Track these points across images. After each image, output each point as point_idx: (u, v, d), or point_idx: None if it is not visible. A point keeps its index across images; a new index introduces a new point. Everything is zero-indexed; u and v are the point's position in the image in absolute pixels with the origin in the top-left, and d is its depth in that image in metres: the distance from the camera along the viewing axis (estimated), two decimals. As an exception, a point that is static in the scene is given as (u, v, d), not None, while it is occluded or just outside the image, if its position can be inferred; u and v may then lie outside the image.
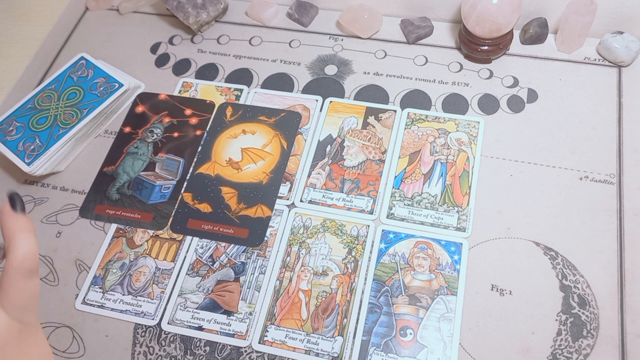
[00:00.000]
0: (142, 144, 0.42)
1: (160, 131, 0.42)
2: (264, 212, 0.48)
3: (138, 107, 0.41)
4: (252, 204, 0.49)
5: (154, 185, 0.44)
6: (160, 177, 0.43)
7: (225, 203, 0.49)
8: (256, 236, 0.47)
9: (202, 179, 0.50)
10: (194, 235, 0.48)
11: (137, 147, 0.42)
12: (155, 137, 0.42)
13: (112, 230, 0.49)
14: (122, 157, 0.42)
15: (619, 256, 0.44)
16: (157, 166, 0.43)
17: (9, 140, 0.52)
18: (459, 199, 0.47)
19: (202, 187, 0.50)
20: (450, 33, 0.59)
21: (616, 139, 0.50)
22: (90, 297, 0.46)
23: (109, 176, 0.41)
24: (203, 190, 0.49)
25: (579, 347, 0.40)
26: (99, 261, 0.48)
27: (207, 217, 0.48)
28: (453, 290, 0.43)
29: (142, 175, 0.44)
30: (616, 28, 0.54)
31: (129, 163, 0.43)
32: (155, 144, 0.43)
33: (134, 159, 0.43)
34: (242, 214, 0.48)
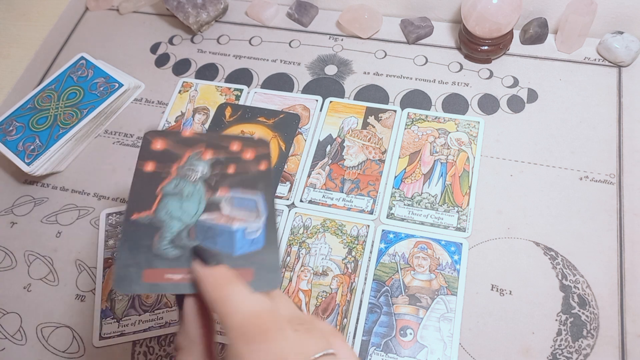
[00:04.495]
0: (184, 183, 0.31)
1: (206, 168, 0.32)
2: None
3: (155, 143, 0.32)
4: None
5: (233, 230, 0.30)
6: (236, 218, 0.31)
7: None
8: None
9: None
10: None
11: (177, 187, 0.31)
12: (201, 174, 0.31)
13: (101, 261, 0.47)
14: (159, 200, 0.30)
15: (619, 256, 0.44)
16: (224, 207, 0.32)
17: (9, 140, 0.52)
18: (459, 199, 0.47)
19: None
20: (450, 33, 0.59)
21: (616, 139, 0.50)
22: (106, 330, 0.45)
23: (145, 227, 0.29)
24: None
25: (579, 347, 0.40)
26: (99, 296, 0.46)
27: None
28: (453, 290, 0.43)
29: (207, 220, 0.31)
30: (616, 28, 0.54)
31: (175, 205, 0.30)
32: (206, 182, 0.31)
33: (181, 200, 0.31)
34: None
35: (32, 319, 0.46)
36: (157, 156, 0.31)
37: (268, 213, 0.31)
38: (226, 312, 0.23)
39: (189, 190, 0.31)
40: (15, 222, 0.52)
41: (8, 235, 0.51)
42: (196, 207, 0.31)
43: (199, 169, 0.32)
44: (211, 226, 0.31)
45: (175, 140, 0.32)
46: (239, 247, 0.30)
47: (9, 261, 0.50)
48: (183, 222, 0.30)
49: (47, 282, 0.48)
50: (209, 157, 0.32)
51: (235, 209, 0.32)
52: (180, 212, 0.31)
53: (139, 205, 0.30)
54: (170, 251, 0.29)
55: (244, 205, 0.32)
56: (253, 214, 0.32)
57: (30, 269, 0.49)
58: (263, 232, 0.30)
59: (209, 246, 0.30)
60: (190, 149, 0.32)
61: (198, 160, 0.32)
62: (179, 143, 0.32)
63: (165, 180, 0.31)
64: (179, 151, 0.32)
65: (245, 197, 0.32)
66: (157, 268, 0.28)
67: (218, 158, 0.32)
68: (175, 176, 0.32)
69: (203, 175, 0.32)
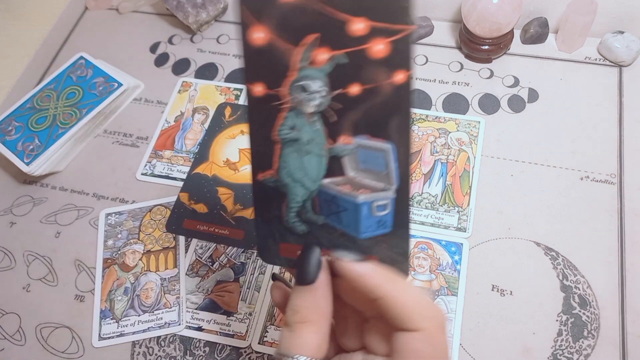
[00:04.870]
0: (301, 121, 0.22)
1: (324, 84, 0.21)
2: None
3: (255, 30, 0.20)
4: (249, 205, 0.49)
5: (357, 203, 0.23)
6: (363, 185, 0.23)
7: (221, 204, 0.49)
8: (251, 238, 0.47)
9: (199, 179, 0.50)
10: (189, 235, 0.47)
11: (293, 128, 0.22)
12: (321, 100, 0.21)
13: (100, 262, 0.47)
14: (278, 153, 0.23)
15: (620, 256, 0.44)
16: (348, 164, 0.23)
17: (8, 140, 0.52)
18: (460, 199, 0.47)
19: (199, 187, 0.49)
20: (450, 32, 0.58)
21: (617, 138, 0.49)
22: (106, 331, 0.45)
23: (272, 191, 0.23)
24: (199, 191, 0.49)
25: (579, 347, 0.40)
26: (99, 296, 0.46)
27: (202, 217, 0.48)
28: (453, 291, 0.43)
29: (329, 187, 0.23)
30: (617, 28, 0.54)
31: (295, 163, 0.23)
32: (324, 116, 0.22)
33: (300, 152, 0.23)
34: (238, 215, 0.48)
35: (31, 320, 0.46)
36: (263, 62, 0.21)
37: (401, 179, 0.22)
38: (413, 304, 0.22)
39: (307, 134, 0.22)
40: (15, 222, 0.52)
41: (7, 236, 0.51)
42: (317, 165, 0.23)
43: (316, 89, 0.21)
44: (334, 196, 0.23)
45: (278, 13, 0.20)
46: (365, 227, 0.23)
47: (8, 261, 0.50)
48: (306, 188, 0.24)
49: (46, 282, 0.48)
50: (325, 57, 0.20)
51: (360, 170, 0.23)
52: (301, 173, 0.23)
53: (261, 160, 0.23)
54: (298, 226, 0.24)
55: (370, 163, 0.22)
56: (382, 179, 0.22)
57: (30, 269, 0.49)
58: (392, 208, 0.23)
59: (334, 224, 0.24)
60: (298, 41, 0.21)
61: (312, 69, 0.21)
62: (283, 24, 0.20)
63: (280, 115, 0.22)
64: (284, 46, 0.21)
65: (373, 148, 0.22)
66: (291, 243, 0.24)
67: (338, 58, 0.20)
68: (289, 105, 0.22)
69: (324, 100, 0.21)
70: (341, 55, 0.20)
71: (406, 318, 0.22)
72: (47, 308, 0.46)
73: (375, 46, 0.20)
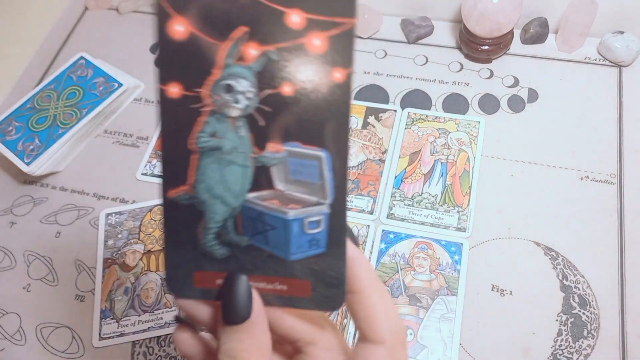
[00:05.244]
0: (222, 125, 0.19)
1: (251, 84, 0.19)
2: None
3: (171, 22, 0.18)
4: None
5: (287, 219, 0.20)
6: (293, 199, 0.21)
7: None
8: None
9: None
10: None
11: (214, 135, 0.19)
12: (247, 102, 0.19)
13: (101, 262, 0.47)
14: (195, 165, 0.20)
15: (620, 256, 0.44)
16: (277, 176, 0.20)
17: (8, 140, 0.52)
18: (460, 199, 0.47)
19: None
20: (450, 32, 0.58)
21: (617, 138, 0.49)
22: (106, 331, 0.44)
23: (186, 210, 0.20)
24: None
25: (579, 347, 0.40)
26: (99, 296, 0.46)
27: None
28: (453, 291, 0.43)
29: (254, 202, 0.20)
30: (617, 28, 0.54)
31: (215, 176, 0.20)
32: (251, 121, 0.19)
33: (221, 163, 0.20)
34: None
35: (31, 319, 0.46)
36: (183, 59, 0.18)
37: (336, 192, 0.19)
38: (380, 320, 0.21)
39: (230, 142, 0.19)
40: (15, 222, 0.52)
41: (7, 236, 0.51)
42: (241, 178, 0.20)
43: (241, 89, 0.18)
44: (261, 213, 0.20)
45: (198, 6, 0.18)
46: (295, 247, 0.20)
47: (8, 261, 0.50)
48: (227, 205, 0.20)
49: (46, 282, 0.48)
50: (254, 54, 0.18)
51: (290, 182, 0.20)
52: (222, 188, 0.20)
53: (174, 173, 0.20)
54: (217, 250, 0.21)
55: (302, 173, 0.20)
56: (315, 192, 0.20)
57: (30, 269, 0.49)
58: (327, 224, 0.20)
59: (260, 245, 0.21)
60: (223, 35, 0.18)
61: (239, 66, 0.18)
62: (204, 17, 0.18)
63: (199, 120, 0.19)
64: (207, 41, 0.18)
65: (305, 156, 0.19)
66: (207, 271, 0.21)
67: (269, 55, 0.18)
68: (210, 107, 0.19)
69: (248, 103, 0.19)
70: (272, 51, 0.18)
71: (372, 330, 0.20)
72: (48, 308, 0.46)
73: (311, 41, 0.18)
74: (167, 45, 0.18)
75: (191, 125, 0.19)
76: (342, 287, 0.20)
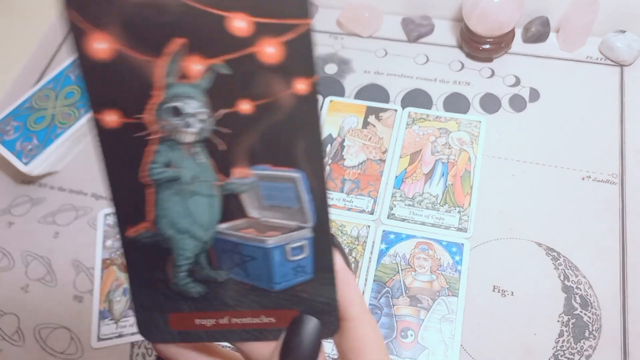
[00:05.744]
0: (176, 153, 0.17)
1: (202, 104, 0.16)
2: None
3: (89, 39, 0.16)
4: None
5: (266, 248, 0.19)
6: (271, 226, 0.19)
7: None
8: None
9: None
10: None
11: (169, 165, 0.17)
12: (201, 125, 0.17)
13: (99, 262, 0.47)
14: (154, 197, 0.18)
15: (622, 257, 0.43)
16: (249, 202, 0.19)
17: (6, 140, 0.52)
18: (461, 199, 0.47)
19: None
20: (451, 31, 0.58)
21: (618, 138, 0.49)
22: (105, 332, 0.44)
23: (150, 249, 0.19)
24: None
25: (580, 348, 0.40)
26: (97, 297, 0.46)
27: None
28: (454, 292, 0.43)
29: (228, 233, 0.19)
30: (618, 27, 0.54)
31: (178, 209, 0.18)
32: (209, 145, 0.17)
33: (183, 195, 0.18)
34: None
35: (30, 320, 0.46)
36: (113, 81, 0.16)
37: (318, 214, 0.18)
38: (372, 356, 0.19)
39: (189, 171, 0.17)
40: (13, 222, 0.51)
41: (5, 236, 0.51)
42: (208, 208, 0.18)
43: (190, 111, 0.16)
44: (236, 244, 0.19)
45: (120, 17, 0.15)
46: (280, 277, 0.19)
47: (6, 262, 0.49)
48: (197, 239, 0.18)
49: (44, 283, 0.48)
50: (198, 69, 0.16)
51: (265, 208, 0.19)
52: (188, 221, 0.18)
53: (129, 211, 0.18)
54: (192, 288, 0.19)
55: (277, 198, 0.18)
56: (294, 216, 0.18)
57: (28, 270, 0.48)
58: (311, 249, 0.18)
59: (240, 278, 0.19)
60: (157, 50, 0.16)
61: (183, 85, 0.16)
62: (129, 29, 0.15)
63: (148, 150, 0.17)
64: (139, 58, 0.16)
65: (278, 178, 0.17)
66: (184, 312, 0.19)
67: (217, 68, 0.16)
68: (160, 136, 0.17)
69: (202, 126, 0.17)
70: (220, 64, 0.16)
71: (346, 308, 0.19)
72: (46, 309, 0.46)
73: (264, 49, 0.15)
74: (91, 67, 0.16)
75: (139, 156, 0.17)
76: (334, 313, 0.19)
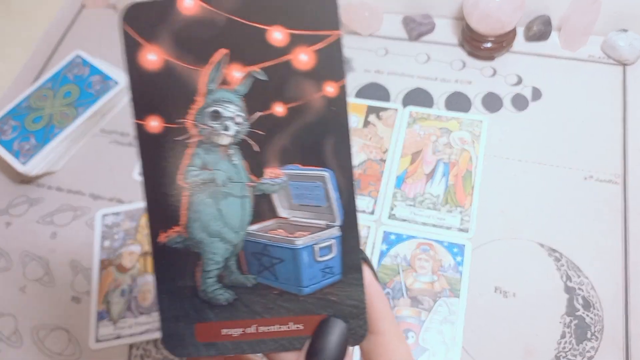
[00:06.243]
0: (212, 155, 0.18)
1: (239, 108, 0.18)
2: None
3: (142, 52, 0.17)
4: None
5: (295, 248, 0.19)
6: (300, 226, 0.19)
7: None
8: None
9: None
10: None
11: (205, 168, 0.18)
12: (237, 128, 0.18)
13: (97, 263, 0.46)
14: (185, 202, 0.18)
15: (624, 257, 0.43)
16: (279, 203, 0.19)
17: (4, 140, 0.51)
18: (462, 199, 0.47)
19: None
20: (452, 30, 0.58)
21: (621, 138, 0.49)
22: (103, 333, 0.44)
23: (180, 254, 0.19)
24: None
25: (583, 349, 0.40)
26: (95, 298, 0.45)
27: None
28: (456, 293, 0.43)
29: (258, 235, 0.19)
30: (620, 26, 0.54)
31: (210, 212, 0.18)
32: (244, 147, 0.18)
33: (216, 197, 0.18)
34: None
35: (27, 321, 0.46)
36: (159, 90, 0.17)
37: (345, 212, 0.18)
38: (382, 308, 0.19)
39: (223, 173, 0.18)
40: (11, 222, 0.51)
41: (3, 236, 0.50)
42: (240, 210, 0.18)
43: (229, 114, 0.17)
44: (265, 246, 0.19)
45: (171, 30, 0.17)
46: (308, 279, 0.19)
47: (4, 262, 0.49)
48: (227, 243, 0.18)
49: (43, 283, 0.47)
50: (238, 76, 0.17)
51: (295, 207, 0.19)
52: (219, 224, 0.18)
53: (163, 216, 0.18)
54: (221, 294, 0.18)
55: (306, 197, 0.18)
56: (323, 215, 0.19)
57: (26, 270, 0.48)
58: (339, 249, 0.18)
59: (269, 282, 0.19)
60: (202, 60, 0.17)
61: (223, 91, 0.17)
62: (179, 43, 0.17)
63: (186, 153, 0.18)
64: (185, 68, 0.17)
65: (307, 178, 0.18)
66: (211, 321, 0.19)
67: (254, 75, 0.17)
68: (198, 137, 0.18)
69: (238, 128, 0.17)
70: (257, 71, 0.17)
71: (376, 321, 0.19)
72: (44, 309, 0.46)
73: (298, 57, 0.17)
74: (140, 76, 0.17)
75: (178, 159, 0.18)
76: (363, 317, 0.18)
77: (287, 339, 0.19)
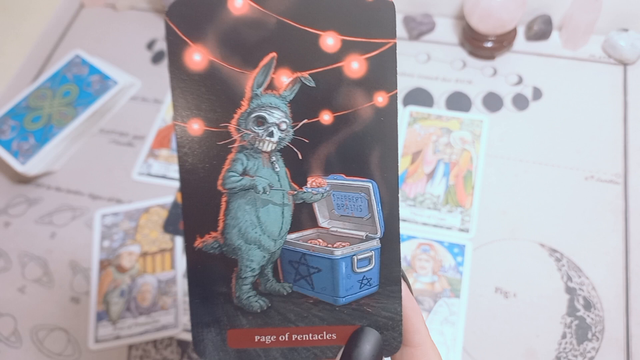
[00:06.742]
0: (254, 161, 0.18)
1: (285, 114, 0.17)
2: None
3: (187, 52, 0.16)
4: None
5: (334, 259, 0.18)
6: (340, 237, 0.19)
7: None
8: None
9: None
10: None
11: (245, 174, 0.18)
12: (281, 134, 0.17)
13: (96, 263, 0.46)
14: (225, 206, 0.18)
15: (625, 257, 0.43)
16: (320, 212, 0.18)
17: (2, 140, 0.51)
18: (463, 200, 0.47)
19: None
20: (453, 29, 0.58)
21: (622, 138, 0.49)
22: (102, 333, 0.44)
23: (216, 260, 0.18)
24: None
25: (583, 350, 0.40)
26: (95, 299, 0.45)
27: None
28: (456, 293, 0.42)
29: (296, 244, 0.19)
30: (621, 25, 0.53)
31: (249, 219, 0.18)
32: (286, 154, 0.18)
33: (255, 204, 0.18)
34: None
35: (26, 322, 0.45)
36: (203, 92, 0.17)
37: (387, 224, 0.18)
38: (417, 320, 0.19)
39: (264, 179, 0.17)
40: (10, 222, 0.51)
41: (2, 237, 0.50)
42: (279, 218, 0.18)
43: (274, 120, 0.17)
44: (303, 255, 0.19)
45: (218, 31, 0.16)
46: (345, 289, 0.18)
47: (3, 262, 0.49)
48: (264, 250, 0.18)
49: (41, 284, 0.47)
50: (285, 81, 0.17)
51: (336, 218, 0.19)
52: (257, 231, 0.18)
53: (201, 220, 0.18)
54: (255, 302, 0.18)
55: (348, 207, 0.18)
56: (364, 226, 0.18)
57: (25, 271, 0.48)
58: (378, 261, 0.18)
59: (304, 291, 0.18)
60: (249, 63, 0.16)
61: (269, 96, 0.17)
62: (225, 44, 0.16)
63: (227, 158, 0.17)
64: (231, 71, 0.16)
65: (351, 188, 0.18)
66: (243, 328, 0.18)
67: (302, 81, 0.17)
68: (240, 145, 0.17)
69: (282, 135, 0.17)
70: (306, 77, 0.17)
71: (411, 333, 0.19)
72: (43, 310, 0.46)
73: (349, 65, 0.16)
74: (184, 77, 0.17)
75: (218, 164, 0.17)
76: (398, 329, 0.18)
77: (319, 348, 0.19)
